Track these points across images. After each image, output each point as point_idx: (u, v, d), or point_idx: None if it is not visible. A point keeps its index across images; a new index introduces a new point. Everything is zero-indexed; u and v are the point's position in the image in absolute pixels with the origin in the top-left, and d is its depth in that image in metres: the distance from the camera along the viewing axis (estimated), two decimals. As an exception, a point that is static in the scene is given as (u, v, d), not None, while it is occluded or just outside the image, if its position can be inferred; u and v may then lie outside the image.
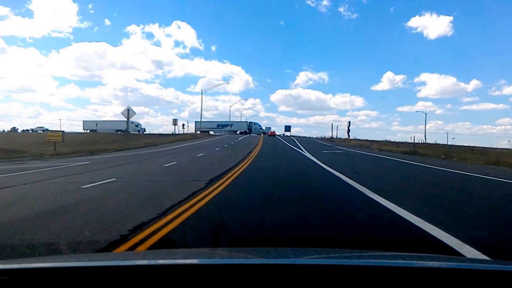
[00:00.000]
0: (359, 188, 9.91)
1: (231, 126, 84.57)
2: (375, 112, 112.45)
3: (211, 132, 80.00)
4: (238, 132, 77.77)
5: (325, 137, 79.69)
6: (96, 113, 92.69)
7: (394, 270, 1.57)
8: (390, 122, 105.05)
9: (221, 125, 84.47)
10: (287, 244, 4.14)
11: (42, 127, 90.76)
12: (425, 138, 66.48)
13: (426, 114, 77.58)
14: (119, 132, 64.02)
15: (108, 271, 1.57)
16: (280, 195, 9.07)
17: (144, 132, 69.15)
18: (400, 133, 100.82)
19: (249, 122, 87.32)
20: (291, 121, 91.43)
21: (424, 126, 77.90)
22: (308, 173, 15.24)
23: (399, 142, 63.03)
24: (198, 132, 78.32)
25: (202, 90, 72.00)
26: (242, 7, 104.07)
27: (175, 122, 52.28)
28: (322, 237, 5.03)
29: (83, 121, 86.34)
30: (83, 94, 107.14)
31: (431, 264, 1.87)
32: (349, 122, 71.58)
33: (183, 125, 74.93)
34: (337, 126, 79.10)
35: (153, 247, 4.34)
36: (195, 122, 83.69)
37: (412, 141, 61.47)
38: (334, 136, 73.72)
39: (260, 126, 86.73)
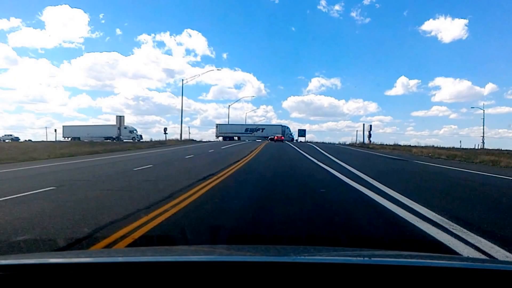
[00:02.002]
0: None
1: (262, 131, 71.52)
2: (389, 117, 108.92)
3: (236, 138, 67.92)
4: (268, 139, 63.09)
5: (355, 143, 56.74)
6: (108, 122, 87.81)
7: (395, 269, 1.54)
8: (405, 127, 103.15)
9: (250, 129, 71.93)
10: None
11: (11, 135, 78.15)
12: (483, 143, 53.74)
13: (484, 110, 58.65)
14: (108, 140, 51.42)
15: (106, 268, 1.56)
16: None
17: (141, 140, 57.06)
18: (414, 138, 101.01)
19: (283, 126, 73.60)
20: (304, 127, 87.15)
21: (438, 130, 64.52)
22: None
23: (453, 147, 46.00)
24: (221, 138, 66.17)
25: (182, 79, 49.62)
26: (253, 14, 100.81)
27: (119, 120, 31.00)
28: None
29: (63, 126, 70.38)
30: (94, 103, 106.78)
31: (432, 263, 1.82)
32: (370, 125, 57.58)
33: (165, 129, 57.00)
34: (357, 131, 73.33)
35: None
36: (216, 125, 71.50)
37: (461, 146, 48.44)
38: (352, 141, 59.64)
39: (290, 130, 74.11)
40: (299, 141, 72.34)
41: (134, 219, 5.21)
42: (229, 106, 73.53)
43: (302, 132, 79.88)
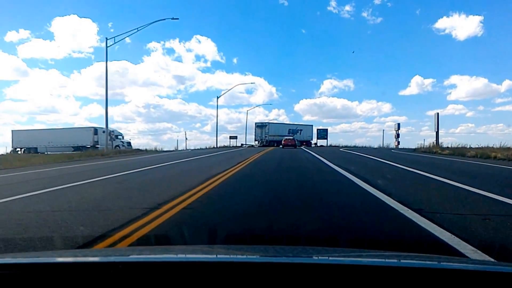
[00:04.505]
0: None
1: (300, 133, 59.23)
2: (404, 117, 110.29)
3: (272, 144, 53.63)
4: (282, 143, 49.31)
5: (414, 148, 35.43)
6: (119, 131, 77.74)
7: (393, 270, 1.52)
8: (420, 126, 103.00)
9: (292, 131, 58.61)
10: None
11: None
12: None
13: None
14: (76, 152, 34.96)
15: (103, 267, 1.56)
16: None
17: (129, 148, 44.27)
18: (429, 138, 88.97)
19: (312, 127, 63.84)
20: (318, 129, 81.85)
21: (455, 129, 72.23)
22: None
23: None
24: (256, 144, 55.23)
25: (107, 38, 29.49)
26: (263, 17, 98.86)
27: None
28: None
29: (12, 131, 50.30)
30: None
31: (431, 264, 1.78)
32: (398, 124, 48.04)
33: (111, 133, 40.67)
34: (384, 131, 77.83)
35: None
36: (262, 124, 57.77)
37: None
38: (365, 143, 43.33)
39: (312, 131, 62.91)
40: (318, 145, 57.73)
41: None
42: (217, 97, 54.01)
43: (322, 133, 61.97)
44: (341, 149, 35.95)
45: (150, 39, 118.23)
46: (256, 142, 55.46)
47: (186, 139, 58.49)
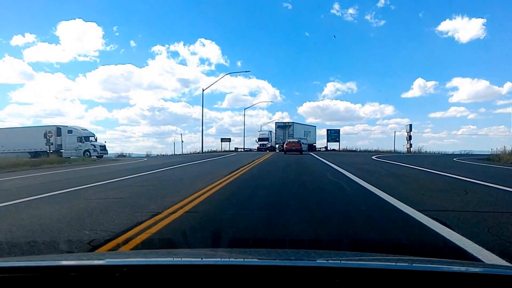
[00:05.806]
0: None
1: (309, 135, 53.48)
2: (406, 119, 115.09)
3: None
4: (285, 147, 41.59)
5: (487, 154, 25.62)
6: (124, 133, 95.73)
7: (395, 273, 1.54)
8: (422, 129, 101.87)
9: (306, 132, 53.57)
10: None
11: None
12: None
13: None
14: (35, 159, 26.97)
15: (107, 270, 1.56)
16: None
17: (104, 153, 36.80)
18: (432, 140, 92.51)
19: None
20: (320, 132, 68.57)
21: (457, 131, 58.31)
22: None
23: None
24: (277, 146, 46.70)
25: None
26: (266, 20, 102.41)
27: None
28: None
29: None
30: (111, 115, 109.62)
31: (433, 267, 1.77)
32: (410, 125, 44.89)
33: (56, 130, 34.49)
34: (395, 132, 70.72)
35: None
36: (276, 124, 51.51)
37: None
38: (389, 148, 47.63)
39: (316, 133, 57.72)
40: (329, 149, 51.24)
41: None
42: (203, 90, 47.87)
43: (334, 135, 53.95)
44: (373, 158, 24.62)
45: (155, 42, 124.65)
46: (277, 146, 47.32)
47: (182, 142, 59.42)
